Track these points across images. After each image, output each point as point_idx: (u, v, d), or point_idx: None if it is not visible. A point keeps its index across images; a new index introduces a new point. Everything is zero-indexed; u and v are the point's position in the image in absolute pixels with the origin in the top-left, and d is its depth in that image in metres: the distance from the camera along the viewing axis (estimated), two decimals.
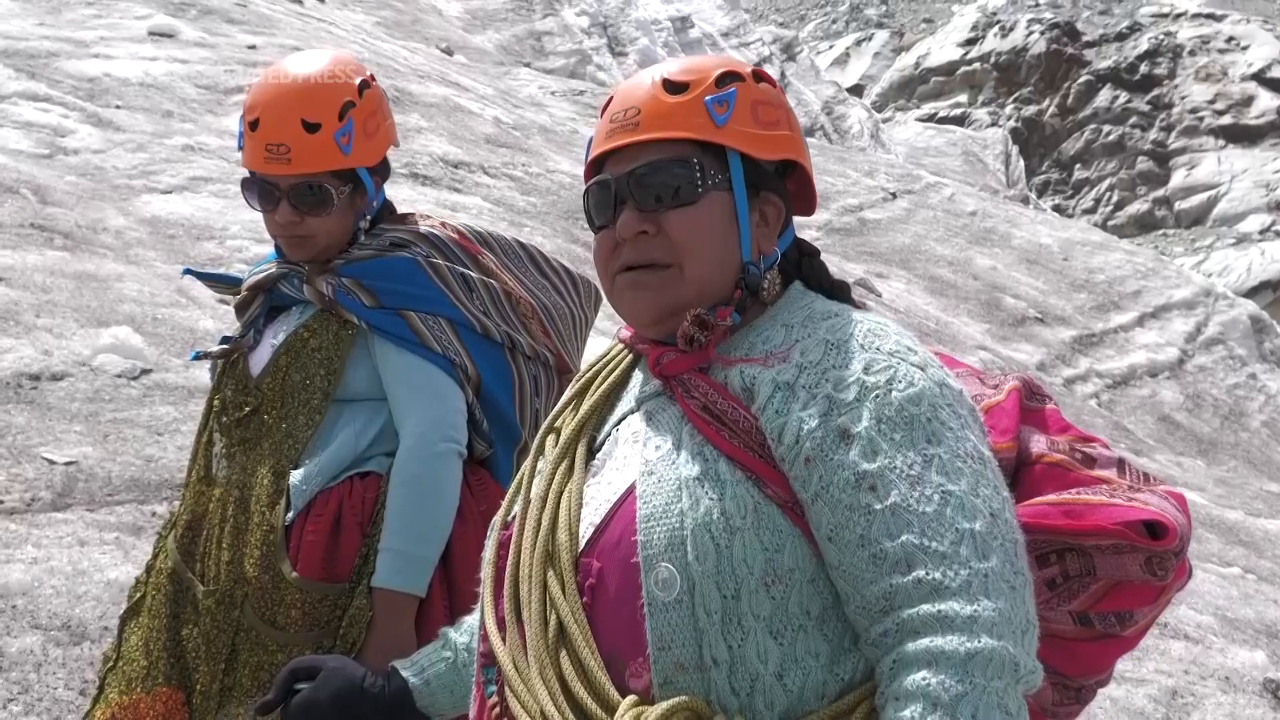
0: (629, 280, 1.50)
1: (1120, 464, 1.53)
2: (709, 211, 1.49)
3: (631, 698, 1.33)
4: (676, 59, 1.60)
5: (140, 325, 5.18)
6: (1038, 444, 1.53)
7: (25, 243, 5.75)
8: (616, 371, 1.59)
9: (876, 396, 1.35)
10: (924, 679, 1.23)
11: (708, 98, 1.50)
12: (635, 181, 1.49)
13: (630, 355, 1.60)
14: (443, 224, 2.51)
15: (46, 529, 3.73)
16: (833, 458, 1.33)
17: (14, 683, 3.13)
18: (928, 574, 1.28)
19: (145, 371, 4.82)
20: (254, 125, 2.30)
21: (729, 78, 1.52)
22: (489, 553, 1.55)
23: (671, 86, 1.51)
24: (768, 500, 1.35)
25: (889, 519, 1.30)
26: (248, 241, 6.55)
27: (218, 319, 5.42)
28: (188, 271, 2.64)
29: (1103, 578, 1.45)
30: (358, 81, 2.35)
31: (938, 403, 1.36)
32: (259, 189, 2.34)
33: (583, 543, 1.43)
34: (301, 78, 2.32)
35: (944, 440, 1.34)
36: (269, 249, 2.55)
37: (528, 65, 17.62)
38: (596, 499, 1.46)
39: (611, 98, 1.56)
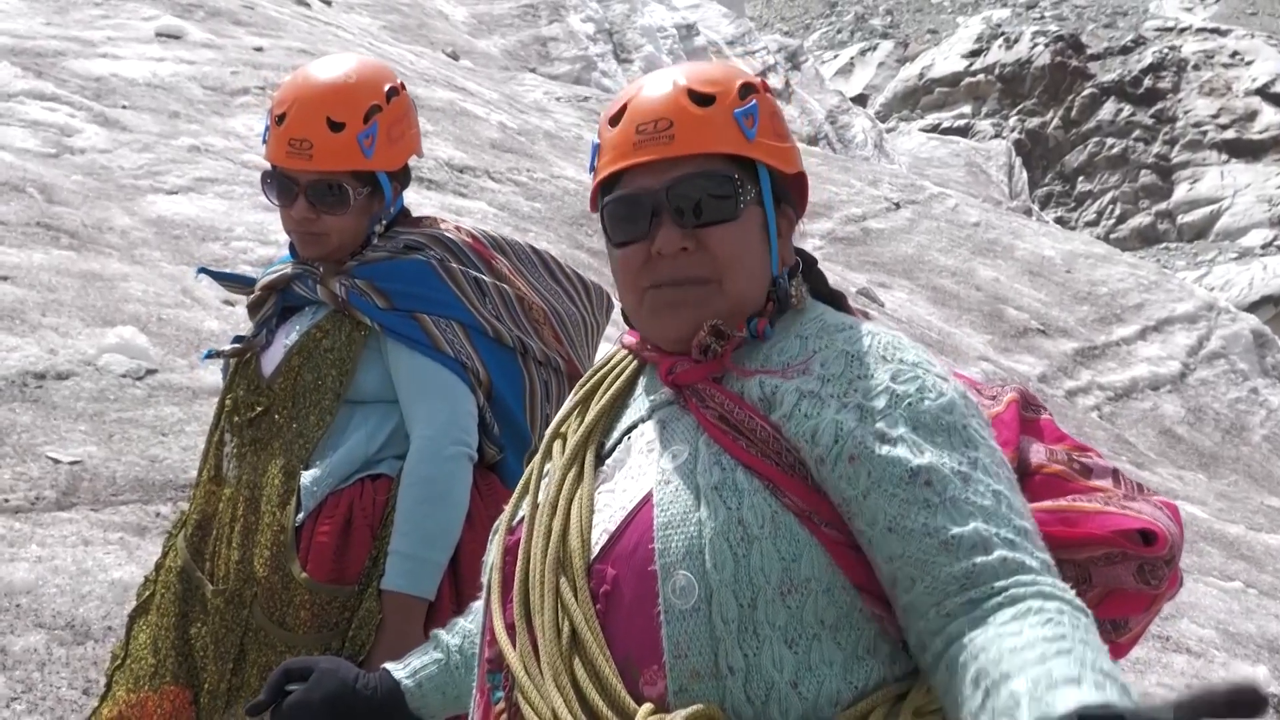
0: (667, 299, 1.47)
1: (1115, 474, 1.54)
2: (748, 227, 1.47)
3: (648, 705, 1.32)
4: (681, 66, 1.55)
5: (145, 325, 5.18)
6: (1037, 454, 1.54)
7: (31, 241, 5.76)
8: (621, 378, 1.59)
9: (909, 404, 1.35)
10: (1056, 606, 1.21)
11: (736, 110, 1.47)
12: (675, 196, 1.44)
13: (634, 362, 1.59)
14: (457, 228, 2.52)
15: (51, 528, 3.73)
16: (878, 453, 1.33)
17: (17, 681, 3.12)
18: (1013, 554, 1.27)
19: (150, 372, 4.82)
20: (280, 119, 2.32)
21: (748, 89, 1.50)
22: (495, 557, 1.54)
23: (698, 98, 1.47)
24: (785, 509, 1.35)
25: (951, 510, 1.30)
26: (252, 243, 6.53)
27: (223, 319, 5.42)
28: (202, 271, 2.66)
29: (1098, 585, 1.46)
30: (386, 88, 2.38)
31: (966, 412, 1.38)
32: (278, 183, 2.36)
33: (595, 549, 1.42)
34: (332, 78, 2.35)
35: (980, 445, 1.36)
36: (274, 250, 2.57)
37: (533, 71, 17.63)
38: (610, 506, 1.45)
39: (624, 106, 1.50)
